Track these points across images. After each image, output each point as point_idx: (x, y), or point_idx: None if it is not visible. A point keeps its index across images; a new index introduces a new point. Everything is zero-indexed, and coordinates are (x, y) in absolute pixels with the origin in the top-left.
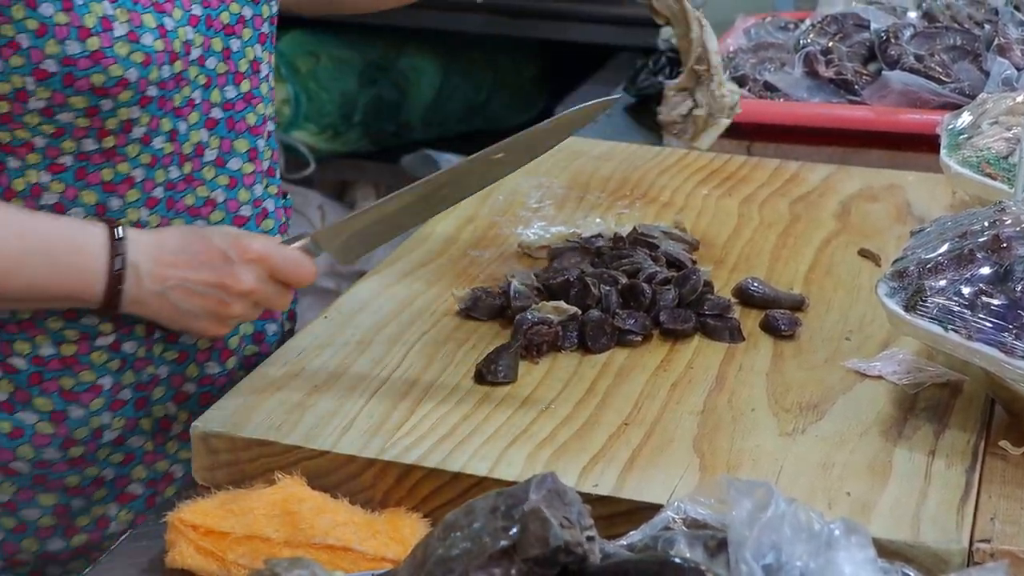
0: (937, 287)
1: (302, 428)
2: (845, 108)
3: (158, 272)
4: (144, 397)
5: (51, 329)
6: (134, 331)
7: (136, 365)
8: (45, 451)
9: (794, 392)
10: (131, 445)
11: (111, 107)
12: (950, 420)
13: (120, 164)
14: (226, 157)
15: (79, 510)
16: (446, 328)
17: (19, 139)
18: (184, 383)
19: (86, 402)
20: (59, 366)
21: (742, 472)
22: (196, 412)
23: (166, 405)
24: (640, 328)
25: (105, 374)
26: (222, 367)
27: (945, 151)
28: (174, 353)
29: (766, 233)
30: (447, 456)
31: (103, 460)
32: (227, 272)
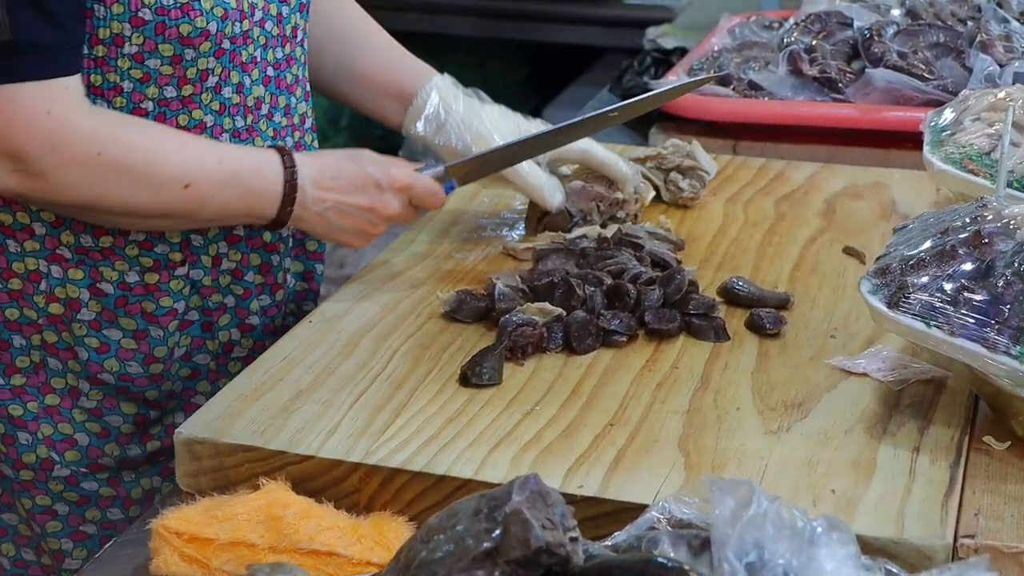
0: (919, 283)
1: (286, 433)
2: (829, 106)
3: (319, 195)
4: (210, 322)
5: (129, 256)
6: (201, 260)
7: (203, 291)
8: (129, 365)
9: (779, 390)
10: (198, 362)
11: (192, 56)
12: (934, 416)
13: (195, 111)
14: (273, 111)
15: (154, 419)
16: (431, 331)
17: (110, 82)
18: (248, 315)
19: (164, 324)
20: (143, 291)
21: (727, 471)
22: (258, 340)
23: (230, 331)
24: (625, 328)
25: (180, 300)
26: (272, 299)
27: (928, 148)
28: (240, 288)
29: (751, 232)
30: (432, 459)
31: (174, 374)
32: (378, 198)
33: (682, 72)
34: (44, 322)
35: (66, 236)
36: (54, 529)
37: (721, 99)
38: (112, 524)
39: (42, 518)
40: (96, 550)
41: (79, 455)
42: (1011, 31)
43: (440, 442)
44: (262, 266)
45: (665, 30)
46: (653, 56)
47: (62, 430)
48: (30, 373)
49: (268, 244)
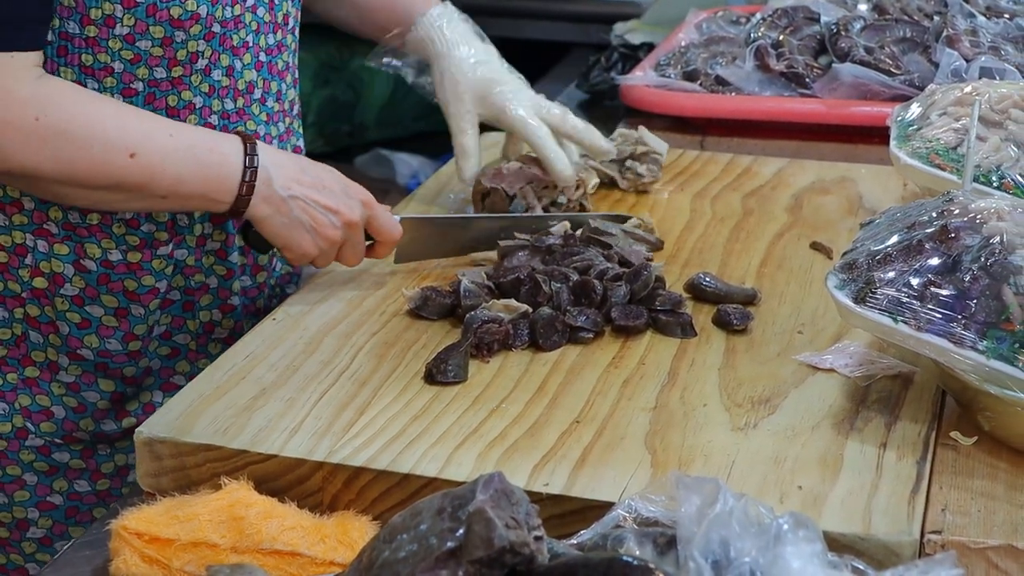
0: (886, 278)
1: (249, 432)
2: (796, 101)
3: (285, 182)
4: (191, 302)
5: (116, 234)
6: (185, 240)
7: (186, 271)
8: (108, 341)
9: (746, 387)
10: (177, 342)
11: (183, 39)
12: (901, 412)
13: (184, 92)
14: (266, 96)
15: (131, 396)
16: (396, 328)
17: (100, 63)
18: (230, 296)
19: (145, 302)
20: (125, 270)
21: (694, 468)
22: (239, 321)
23: (211, 312)
24: (591, 325)
25: (162, 278)
26: (254, 281)
27: (895, 143)
28: (222, 269)
29: (719, 227)
30: (396, 457)
31: (153, 353)
32: (343, 201)
33: (649, 68)
34: (27, 296)
35: (54, 212)
36: (22, 499)
37: (688, 94)
38: (79, 496)
39: (11, 487)
40: (61, 521)
41: (54, 427)
42: (977, 26)
43: (404, 440)
44: (245, 247)
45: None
46: (620, 52)
47: (39, 402)
48: (11, 345)
49: None
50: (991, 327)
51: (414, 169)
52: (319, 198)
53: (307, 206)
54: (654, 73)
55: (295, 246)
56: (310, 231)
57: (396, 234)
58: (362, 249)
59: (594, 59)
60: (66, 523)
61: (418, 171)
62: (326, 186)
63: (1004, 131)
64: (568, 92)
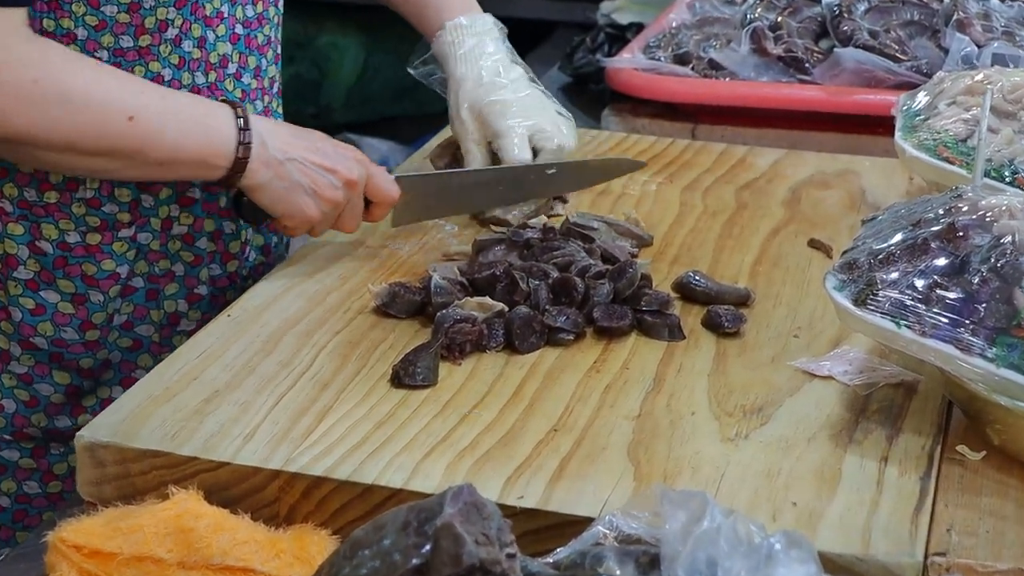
0: (889, 280)
1: (199, 437)
2: (795, 88)
3: (281, 145)
4: (155, 290)
5: (75, 214)
6: (150, 223)
7: (150, 257)
8: (64, 330)
9: (737, 394)
10: (140, 333)
11: (151, 5)
12: (904, 423)
13: (152, 63)
14: (242, 71)
15: (88, 391)
16: (361, 327)
17: (63, 28)
18: (197, 285)
19: (105, 288)
20: (83, 253)
21: (680, 481)
22: (207, 313)
23: (177, 301)
24: (572, 326)
25: (123, 263)
26: (223, 270)
27: (900, 134)
28: (190, 255)
29: (710, 222)
30: (359, 467)
31: (112, 343)
32: (339, 161)
33: (637, 50)
34: None
35: (9, 188)
36: None
37: (679, 79)
38: (28, 498)
39: None
40: (8, 525)
41: (3, 422)
42: (990, 9)
43: (368, 448)
44: (215, 233)
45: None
46: (607, 32)
47: None
48: None
49: (223, 209)
50: (1001, 333)
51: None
52: (316, 159)
53: (305, 168)
54: (643, 56)
55: (296, 211)
56: (310, 194)
57: (394, 193)
58: (361, 211)
59: (579, 40)
60: (13, 527)
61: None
62: (319, 147)
63: (1018, 122)
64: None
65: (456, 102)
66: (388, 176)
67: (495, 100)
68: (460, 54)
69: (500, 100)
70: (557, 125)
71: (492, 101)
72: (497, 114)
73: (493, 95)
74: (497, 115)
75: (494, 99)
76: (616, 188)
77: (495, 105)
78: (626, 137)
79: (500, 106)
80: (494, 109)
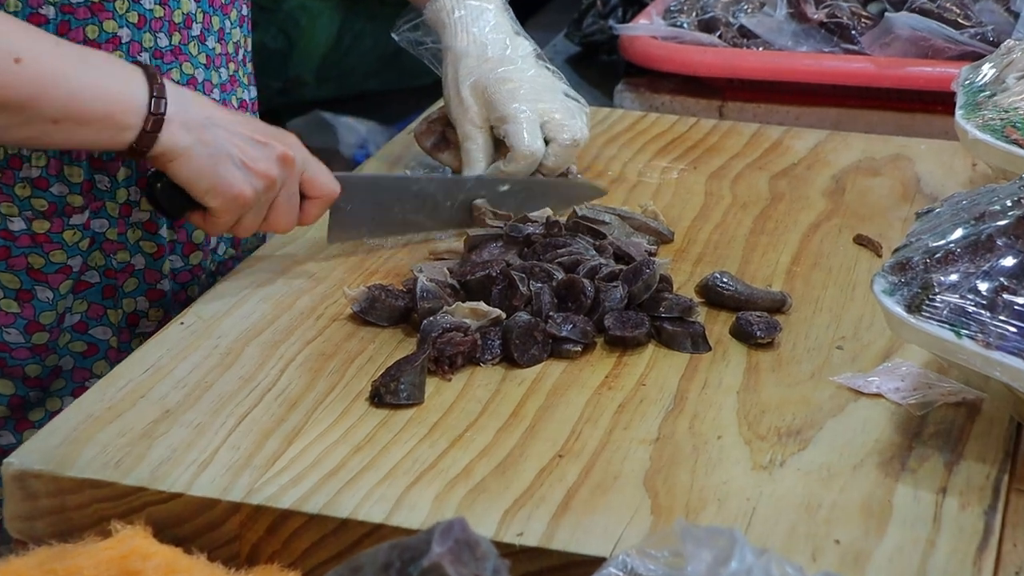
0: (948, 282)
1: (147, 464)
2: (839, 59)
3: (201, 108)
4: (113, 286)
5: (19, 197)
6: (105, 208)
7: (106, 247)
8: (7, 332)
9: (771, 414)
10: (96, 336)
11: None
12: (965, 449)
13: (106, 21)
14: (207, 34)
15: (35, 402)
16: (335, 336)
17: None
18: (160, 280)
19: (54, 284)
20: (29, 242)
21: (705, 516)
22: (169, 312)
23: (137, 299)
24: (579, 335)
25: (76, 254)
26: (185, 262)
27: (961, 112)
28: (152, 245)
29: (740, 216)
30: (333, 498)
31: (63, 347)
32: (272, 135)
33: (656, 15)
34: None
35: None
36: None
37: (704, 48)
38: None
39: None
40: None
41: None
42: None
43: (344, 477)
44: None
45: None
46: None
47: None
48: None
49: None
50: None
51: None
52: (244, 129)
53: (232, 136)
54: (663, 21)
55: (224, 187)
56: (240, 166)
57: (334, 188)
58: (297, 203)
59: (587, 3)
60: None
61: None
62: (248, 121)
63: None
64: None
65: (455, 78)
66: (326, 169)
67: (503, 79)
68: (459, 22)
69: (509, 79)
70: (570, 113)
71: (500, 79)
72: (505, 95)
73: (501, 73)
74: (505, 97)
75: (502, 78)
76: (631, 176)
77: (504, 85)
78: (643, 116)
79: (509, 86)
80: (502, 89)
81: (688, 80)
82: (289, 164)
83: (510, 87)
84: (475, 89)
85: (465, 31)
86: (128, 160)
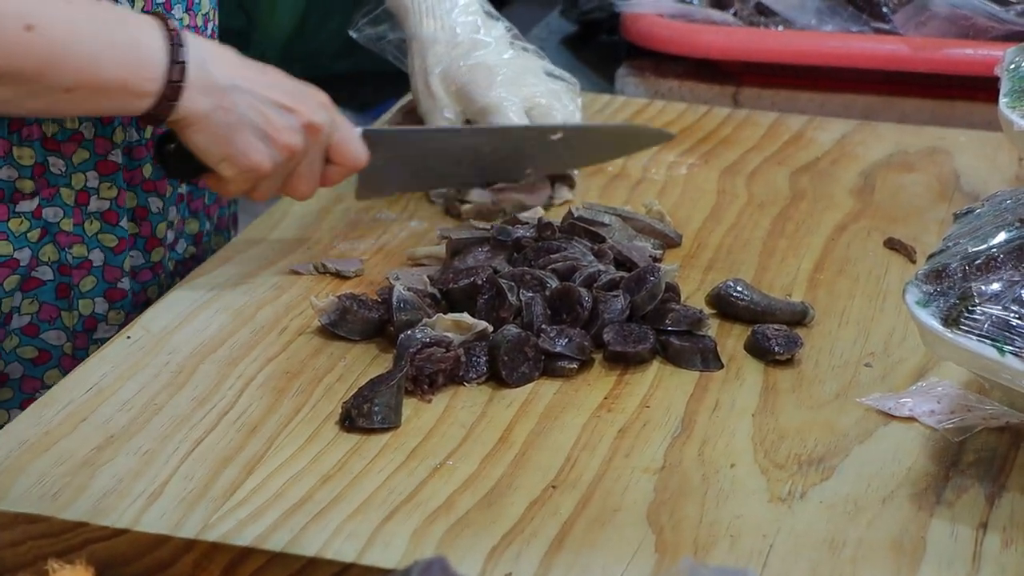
0: (989, 292)
1: (89, 497)
2: (869, 40)
3: (224, 68)
4: (67, 284)
5: None
6: (59, 195)
7: (60, 240)
8: None
9: (791, 440)
10: (47, 341)
11: None
12: (1009, 480)
13: None
14: (172, 3)
15: None
16: (301, 352)
17: None
18: (121, 278)
19: None
20: None
21: (716, 553)
22: (130, 314)
23: (95, 300)
24: (575, 351)
25: (23, 246)
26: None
27: (1007, 100)
28: (112, 238)
29: (756, 217)
30: (299, 534)
31: (10, 353)
32: (300, 99)
33: None
34: None
35: None
36: None
37: (717, 28)
38: None
39: None
40: None
41: None
42: None
43: (311, 510)
44: (137, 210)
45: None
46: None
47: None
48: None
49: (147, 181)
50: None
51: None
52: (271, 93)
53: (256, 102)
54: None
55: (241, 156)
56: (261, 136)
57: (362, 156)
58: (319, 171)
59: None
60: None
61: None
62: (276, 81)
63: None
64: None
65: (423, 68)
66: (356, 132)
67: (477, 65)
68: (423, 6)
69: (483, 65)
70: (556, 95)
71: (473, 66)
72: (482, 83)
73: (473, 59)
74: (482, 84)
75: (475, 64)
76: (635, 171)
77: (477, 72)
78: (648, 104)
79: (484, 73)
80: (477, 77)
81: (699, 64)
82: (315, 133)
83: (485, 73)
84: (446, 79)
85: (431, 16)
86: (86, 142)
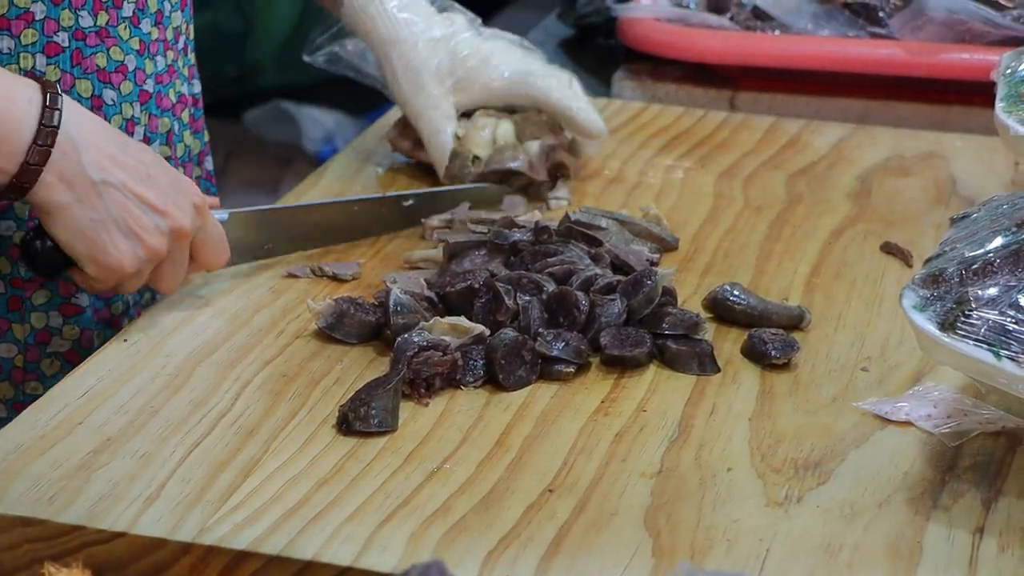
0: (986, 297)
1: (86, 500)
2: (865, 44)
3: (97, 158)
4: (19, 297)
5: None
6: (13, 209)
7: (11, 251)
8: None
9: (788, 445)
10: None
11: None
12: (1005, 485)
13: None
14: (140, 15)
15: None
16: (298, 355)
17: None
18: (76, 292)
19: None
20: None
21: (712, 557)
22: (87, 330)
23: (48, 314)
24: (572, 355)
25: None
26: None
27: (1003, 105)
28: None
29: (753, 220)
30: (295, 538)
31: None
32: (172, 200)
33: None
34: None
35: None
36: None
37: (714, 32)
38: None
39: None
40: None
41: None
42: None
43: (307, 514)
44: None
45: None
46: None
47: None
48: None
49: None
50: None
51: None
52: (143, 191)
53: (126, 200)
54: (667, 1)
55: (102, 257)
56: (128, 235)
57: (222, 258)
58: (185, 267)
59: None
60: None
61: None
62: (152, 175)
63: None
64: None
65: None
66: (221, 233)
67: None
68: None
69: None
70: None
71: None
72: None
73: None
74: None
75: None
76: (631, 175)
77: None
78: (644, 108)
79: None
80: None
81: (695, 67)
82: (181, 238)
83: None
84: (441, 74)
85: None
86: None
